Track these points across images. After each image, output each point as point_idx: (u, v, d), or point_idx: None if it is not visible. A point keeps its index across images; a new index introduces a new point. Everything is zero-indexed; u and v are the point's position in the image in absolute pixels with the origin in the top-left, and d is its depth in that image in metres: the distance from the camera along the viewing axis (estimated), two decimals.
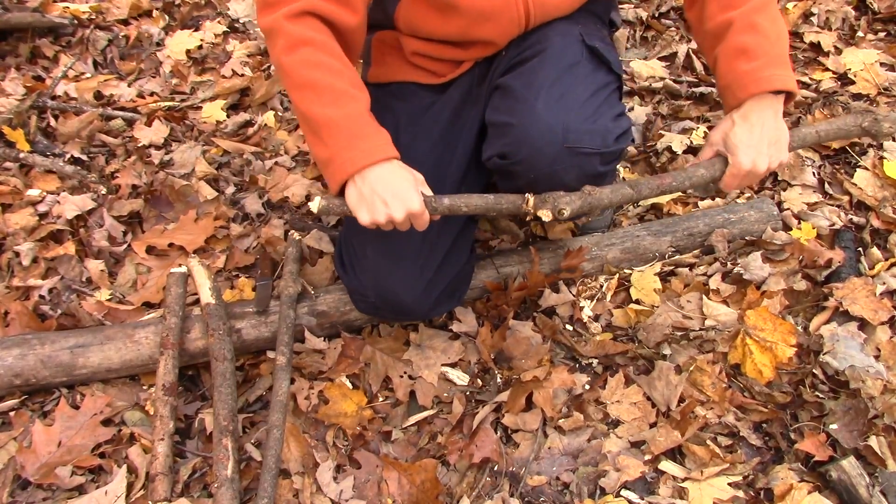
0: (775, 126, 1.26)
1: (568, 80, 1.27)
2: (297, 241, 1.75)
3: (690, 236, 1.73)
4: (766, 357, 1.47)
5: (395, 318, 1.55)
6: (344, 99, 1.16)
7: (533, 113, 1.23)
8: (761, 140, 1.24)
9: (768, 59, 1.23)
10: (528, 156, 1.25)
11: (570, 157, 1.24)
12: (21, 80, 2.32)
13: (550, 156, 1.23)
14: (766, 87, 1.23)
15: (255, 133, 2.20)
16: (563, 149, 1.23)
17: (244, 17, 2.67)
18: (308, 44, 1.16)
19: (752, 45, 1.23)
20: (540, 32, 1.35)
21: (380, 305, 1.42)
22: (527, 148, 1.24)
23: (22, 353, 1.45)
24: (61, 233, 1.86)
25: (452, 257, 1.43)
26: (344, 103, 1.16)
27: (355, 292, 1.45)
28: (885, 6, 2.36)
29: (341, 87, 1.16)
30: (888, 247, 1.71)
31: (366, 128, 1.17)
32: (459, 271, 1.47)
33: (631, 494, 1.33)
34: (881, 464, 1.31)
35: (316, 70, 1.15)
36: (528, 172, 1.27)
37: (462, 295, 1.54)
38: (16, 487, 1.37)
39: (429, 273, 1.38)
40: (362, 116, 1.17)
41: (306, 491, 1.36)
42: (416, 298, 1.38)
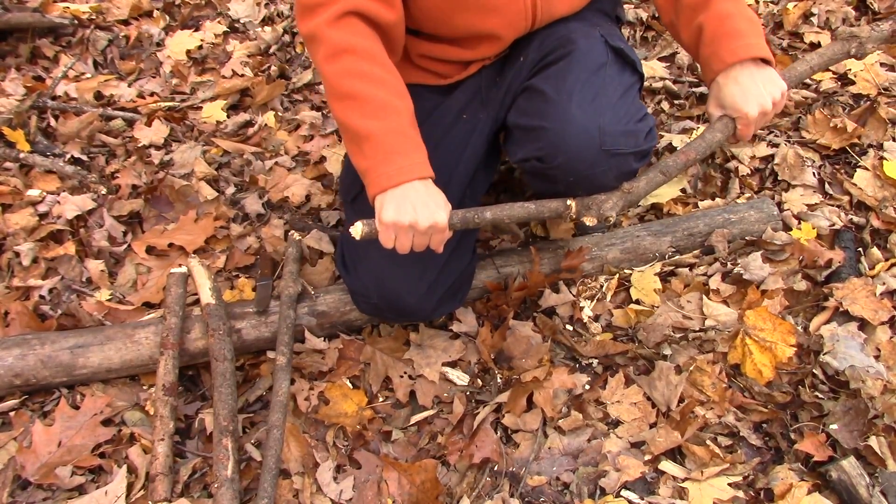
0: (761, 70, 1.28)
1: (598, 82, 1.28)
2: (297, 241, 1.75)
3: (690, 236, 1.73)
4: (766, 357, 1.47)
5: (397, 319, 1.55)
6: (385, 111, 1.16)
7: (568, 116, 1.24)
8: (755, 85, 1.26)
9: (752, 29, 1.27)
10: (566, 160, 1.25)
11: (608, 159, 1.25)
12: (21, 80, 2.32)
13: (589, 159, 1.24)
14: (754, 53, 1.25)
15: (255, 133, 2.20)
16: (601, 151, 1.24)
17: (244, 18, 2.67)
18: (350, 52, 1.15)
19: (736, 13, 1.27)
20: (562, 35, 1.34)
21: (382, 307, 1.42)
22: (564, 152, 1.25)
23: (22, 353, 1.45)
24: (61, 233, 1.86)
25: (456, 258, 1.43)
26: (385, 116, 1.16)
27: (357, 293, 1.45)
28: (885, 6, 2.36)
29: (383, 98, 1.16)
30: (888, 247, 1.71)
31: (405, 144, 1.17)
32: (462, 272, 1.47)
33: (631, 494, 1.33)
34: (881, 464, 1.31)
35: (358, 81, 1.15)
36: (566, 176, 1.27)
37: (464, 296, 1.54)
38: (16, 487, 1.37)
39: (432, 274, 1.38)
40: (403, 131, 1.17)
41: (306, 491, 1.36)
42: (418, 300, 1.38)
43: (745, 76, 1.26)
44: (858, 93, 2.07)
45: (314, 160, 2.07)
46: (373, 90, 1.16)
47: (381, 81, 1.17)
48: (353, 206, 1.48)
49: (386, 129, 1.16)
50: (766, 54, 1.26)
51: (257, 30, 2.60)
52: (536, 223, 1.86)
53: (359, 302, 1.47)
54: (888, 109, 1.98)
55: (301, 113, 2.26)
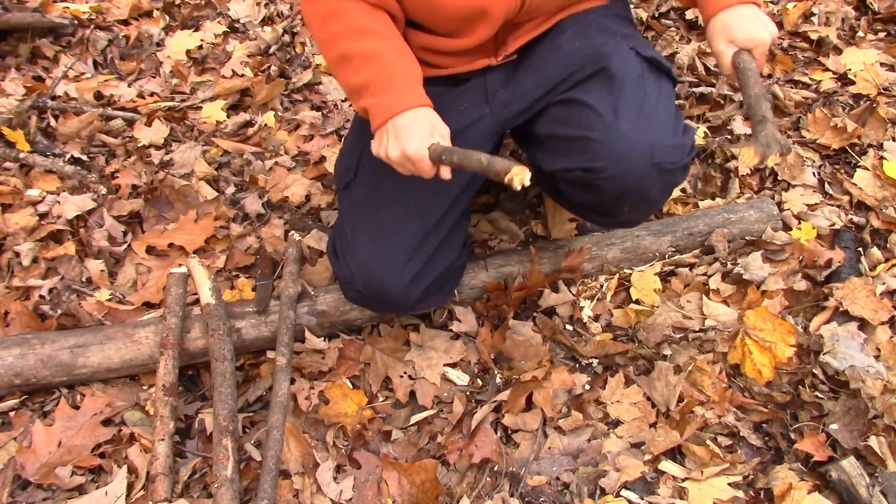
0: (757, 9, 1.32)
1: (640, 95, 1.29)
2: (297, 241, 1.75)
3: (690, 236, 1.73)
4: (766, 357, 1.47)
5: (381, 308, 1.52)
6: (370, 60, 1.23)
7: (618, 130, 1.24)
8: (758, 18, 1.30)
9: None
10: (616, 173, 1.25)
11: (658, 174, 1.26)
12: (21, 80, 2.32)
13: (640, 173, 1.25)
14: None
15: (255, 133, 2.20)
16: (652, 165, 1.24)
17: (244, 18, 2.67)
18: (332, 14, 1.24)
19: None
20: (592, 52, 1.34)
21: (367, 294, 1.41)
22: (615, 164, 1.25)
23: (22, 353, 1.45)
24: (61, 233, 1.86)
25: (443, 251, 1.43)
26: (371, 63, 1.22)
27: (344, 281, 1.45)
28: (885, 6, 2.36)
29: (367, 47, 1.23)
30: (888, 247, 1.71)
31: (393, 80, 1.23)
32: (450, 265, 1.46)
33: (631, 494, 1.33)
34: (881, 464, 1.31)
35: (342, 41, 1.24)
36: (614, 188, 1.28)
37: (451, 290, 1.53)
38: (16, 487, 1.37)
39: (417, 264, 1.38)
40: (389, 71, 1.23)
41: (306, 491, 1.37)
42: (401, 289, 1.37)
43: (749, 11, 1.29)
44: (858, 93, 2.07)
45: (314, 160, 2.07)
46: (356, 45, 1.23)
47: (363, 31, 1.23)
48: (345, 193, 1.48)
49: (375, 73, 1.22)
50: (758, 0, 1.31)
51: (257, 30, 2.60)
52: (537, 223, 1.86)
53: (346, 289, 1.46)
54: (888, 109, 1.98)
55: (301, 113, 2.26)
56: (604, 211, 1.42)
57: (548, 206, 1.83)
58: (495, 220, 1.86)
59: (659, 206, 1.46)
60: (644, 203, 1.35)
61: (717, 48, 1.35)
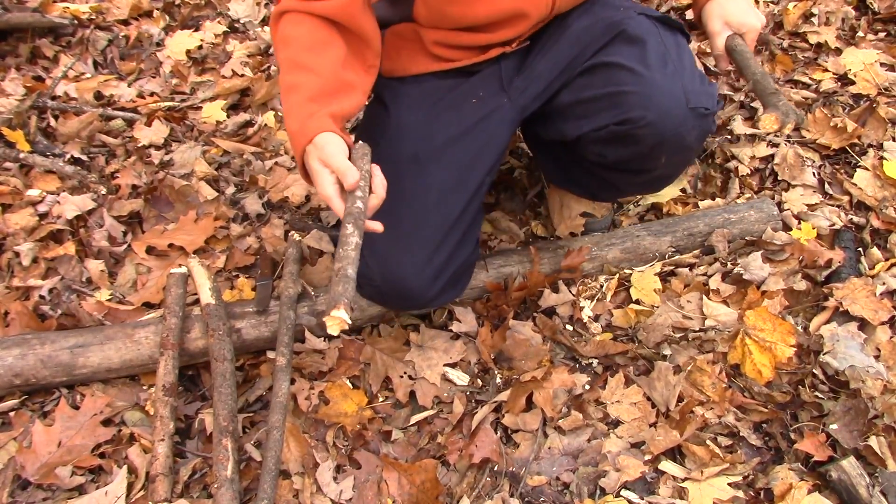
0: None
1: (660, 50, 1.33)
2: (297, 241, 1.75)
3: (690, 236, 1.73)
4: (766, 357, 1.47)
5: (398, 304, 1.50)
6: (289, 91, 1.23)
7: (651, 80, 1.28)
8: (750, 6, 1.42)
9: None
10: (654, 119, 1.28)
11: (694, 119, 1.30)
12: (21, 80, 2.32)
13: (678, 118, 1.28)
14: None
15: (255, 133, 2.20)
16: (689, 110, 1.28)
17: (244, 18, 2.67)
18: (283, 43, 1.25)
19: None
20: (601, 25, 1.38)
21: (385, 290, 1.39)
22: (653, 112, 1.27)
23: (22, 353, 1.45)
24: (61, 233, 1.86)
25: (463, 245, 1.43)
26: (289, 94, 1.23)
27: (361, 277, 1.40)
28: (885, 6, 2.36)
29: (290, 80, 1.23)
30: (888, 247, 1.71)
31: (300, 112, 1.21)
32: (465, 261, 1.46)
33: (631, 494, 1.33)
34: (881, 464, 1.31)
35: (285, 71, 1.25)
36: (653, 136, 1.30)
37: (465, 285, 1.53)
38: (16, 487, 1.37)
39: (440, 259, 1.37)
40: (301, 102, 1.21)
41: (306, 491, 1.37)
42: (422, 284, 1.36)
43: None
44: (858, 93, 2.07)
45: None
46: (287, 76, 1.24)
47: (297, 64, 1.23)
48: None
49: (288, 108, 1.22)
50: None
51: (257, 30, 2.60)
52: (537, 223, 1.86)
53: (362, 286, 1.43)
54: (888, 109, 1.98)
55: None
56: (637, 166, 1.42)
57: (552, 204, 1.83)
58: (495, 220, 1.86)
59: (693, 156, 1.47)
60: (680, 151, 1.36)
61: (712, 28, 1.42)
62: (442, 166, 1.38)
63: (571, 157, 1.54)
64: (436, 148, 1.38)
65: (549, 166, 1.73)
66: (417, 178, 1.34)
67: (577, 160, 1.53)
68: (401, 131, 1.41)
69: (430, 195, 1.37)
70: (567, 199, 1.78)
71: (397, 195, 1.36)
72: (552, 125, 1.48)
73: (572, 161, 1.57)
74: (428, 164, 1.37)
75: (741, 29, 1.42)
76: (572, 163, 1.58)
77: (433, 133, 1.39)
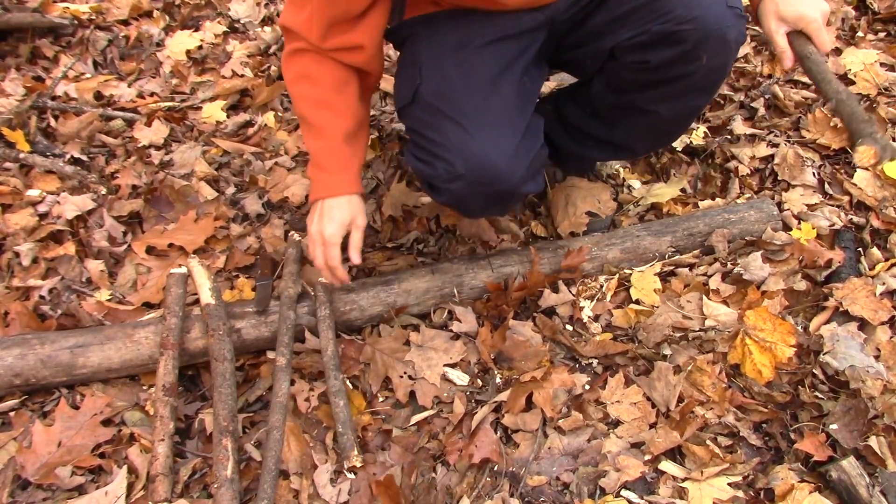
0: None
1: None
2: (297, 241, 1.75)
3: (690, 236, 1.73)
4: (766, 357, 1.47)
5: (487, 189, 1.38)
6: (323, 133, 1.42)
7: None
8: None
9: None
10: (700, 14, 1.31)
11: (733, 17, 1.33)
12: (21, 80, 2.32)
13: (720, 14, 1.32)
14: None
15: (255, 133, 2.20)
16: (727, 8, 1.32)
17: (244, 18, 2.67)
18: (306, 78, 1.40)
19: None
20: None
21: (471, 178, 1.34)
22: (697, 8, 1.31)
23: (22, 353, 1.45)
24: (61, 233, 1.86)
25: (533, 130, 1.43)
26: (322, 137, 1.42)
27: (441, 176, 1.38)
28: (885, 6, 2.36)
29: (322, 120, 1.41)
30: (888, 247, 1.71)
31: (334, 163, 1.43)
32: (540, 151, 1.45)
33: (631, 494, 1.33)
34: (881, 464, 1.31)
35: (307, 104, 1.42)
36: (697, 32, 1.32)
37: (542, 181, 1.52)
38: (16, 487, 1.37)
39: (515, 137, 1.36)
40: (334, 151, 1.43)
41: (304, 493, 1.36)
42: (508, 160, 1.34)
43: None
44: (858, 93, 2.07)
45: None
46: (315, 115, 1.41)
47: (325, 104, 1.40)
48: (412, 105, 1.43)
49: (321, 149, 1.43)
50: None
51: (257, 30, 2.60)
52: (536, 223, 1.86)
53: (441, 188, 1.40)
54: (888, 109, 1.98)
55: None
56: (679, 70, 1.41)
57: (557, 202, 1.83)
58: (496, 220, 1.86)
59: (730, 62, 1.46)
60: (721, 51, 1.36)
61: (768, 26, 1.37)
62: (483, 60, 1.39)
63: (595, 95, 1.57)
64: (474, 47, 1.40)
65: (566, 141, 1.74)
66: (462, 68, 1.37)
67: (602, 95, 1.55)
68: (435, 39, 1.43)
69: (483, 84, 1.37)
70: (573, 198, 1.79)
71: (453, 92, 1.37)
72: (586, 50, 1.49)
73: (593, 113, 1.61)
74: (470, 57, 1.39)
75: (798, 23, 1.35)
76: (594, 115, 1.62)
77: (471, 37, 1.41)
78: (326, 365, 1.49)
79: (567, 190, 1.84)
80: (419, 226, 1.88)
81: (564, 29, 1.48)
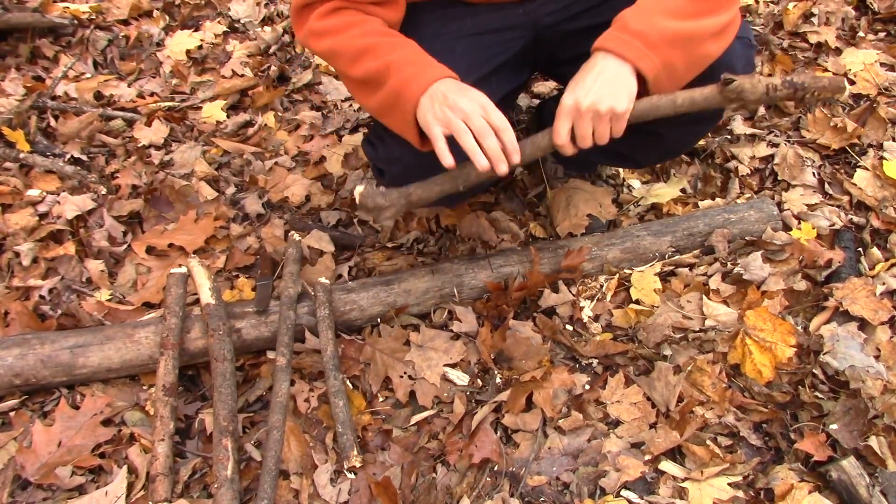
0: (615, 72, 1.15)
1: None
2: (297, 241, 1.75)
3: (690, 236, 1.73)
4: (766, 357, 1.47)
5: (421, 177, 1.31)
6: (395, 46, 1.23)
7: None
8: (591, 77, 1.16)
9: (641, 20, 1.15)
10: None
11: (741, 48, 1.29)
12: (21, 80, 2.32)
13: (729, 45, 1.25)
14: (613, 47, 1.14)
15: (255, 133, 2.20)
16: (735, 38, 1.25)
17: (244, 18, 2.67)
18: (350, 25, 1.25)
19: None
20: None
21: (405, 161, 1.33)
22: None
23: (22, 353, 1.45)
24: (61, 233, 1.86)
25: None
26: (398, 48, 1.23)
27: (382, 158, 1.37)
28: (885, 6, 2.36)
29: (390, 40, 1.24)
30: (888, 247, 1.71)
31: (423, 59, 1.22)
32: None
33: (631, 494, 1.33)
34: (881, 464, 1.31)
35: (365, 37, 1.24)
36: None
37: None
38: (16, 487, 1.37)
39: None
40: (417, 54, 1.23)
41: (304, 492, 1.36)
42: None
43: (596, 66, 1.16)
44: (858, 93, 2.07)
45: (314, 160, 2.07)
46: (380, 39, 1.24)
47: (384, 32, 1.26)
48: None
49: (403, 56, 1.22)
50: (628, 54, 1.14)
51: (257, 30, 2.60)
52: (535, 225, 1.86)
53: (382, 168, 1.38)
54: (888, 109, 1.98)
55: (301, 113, 2.26)
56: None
57: (558, 203, 1.83)
58: (496, 219, 1.86)
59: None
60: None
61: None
62: (454, 51, 1.34)
63: None
64: (450, 38, 1.36)
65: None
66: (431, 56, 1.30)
67: None
68: (415, 25, 1.38)
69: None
70: (575, 200, 1.78)
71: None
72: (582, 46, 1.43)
73: None
74: (442, 47, 1.33)
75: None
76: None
77: (449, 28, 1.38)
78: (326, 365, 1.49)
79: (569, 192, 1.84)
80: (419, 226, 1.88)
81: (556, 37, 1.44)
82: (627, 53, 1.15)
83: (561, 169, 1.93)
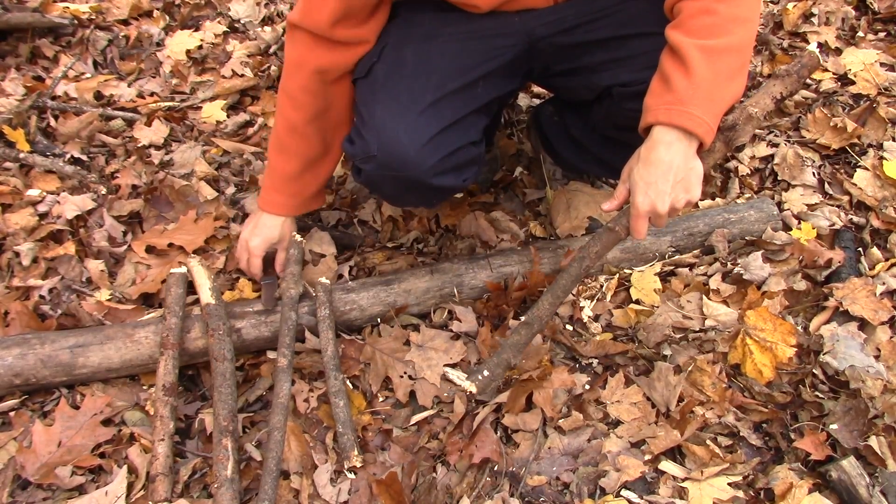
0: (683, 164, 1.15)
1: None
2: (298, 242, 1.74)
3: (690, 236, 1.73)
4: (766, 357, 1.47)
5: (395, 174, 1.37)
6: (286, 155, 1.54)
7: None
8: (663, 178, 1.15)
9: (693, 88, 1.12)
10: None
11: None
12: (21, 80, 2.32)
13: None
14: (674, 120, 1.13)
15: (255, 133, 2.20)
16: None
17: (244, 18, 2.67)
18: (290, 97, 1.47)
19: (686, 55, 1.12)
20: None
21: (382, 159, 1.35)
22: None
23: (22, 353, 1.45)
24: (61, 233, 1.86)
25: (462, 127, 1.40)
26: (285, 158, 1.55)
27: (359, 154, 1.39)
28: (885, 6, 2.36)
29: (288, 144, 1.52)
30: (888, 247, 1.71)
31: (283, 186, 1.59)
32: (468, 148, 1.43)
33: (631, 494, 1.33)
34: (881, 464, 1.31)
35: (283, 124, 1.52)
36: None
37: (468, 179, 1.48)
38: (16, 487, 1.37)
39: (434, 128, 1.34)
40: (288, 176, 1.57)
41: (304, 492, 1.36)
42: (418, 150, 1.33)
43: (658, 157, 1.15)
44: (858, 92, 2.07)
45: None
46: (289, 137, 1.51)
47: (301, 133, 1.50)
48: (364, 79, 1.43)
49: (280, 170, 1.57)
50: (688, 125, 1.11)
51: (257, 30, 2.60)
52: (535, 224, 1.86)
53: (361, 165, 1.40)
54: (888, 109, 1.98)
55: None
56: None
57: (558, 204, 1.83)
58: (496, 220, 1.86)
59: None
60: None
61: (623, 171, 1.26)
62: (443, 53, 1.39)
63: (595, 121, 1.56)
64: (441, 40, 1.40)
65: (566, 150, 1.75)
66: (421, 61, 1.37)
67: (602, 123, 1.54)
68: (410, 24, 1.43)
69: (431, 77, 1.37)
70: (575, 202, 1.79)
71: (399, 74, 1.38)
72: (580, 80, 1.48)
73: (593, 129, 1.59)
74: (431, 48, 1.39)
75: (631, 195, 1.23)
76: (595, 131, 1.60)
77: (441, 30, 1.40)
78: (326, 365, 1.49)
79: (570, 194, 1.84)
80: (419, 226, 1.88)
81: (549, 49, 1.44)
82: (697, 129, 1.13)
83: (560, 171, 1.94)
